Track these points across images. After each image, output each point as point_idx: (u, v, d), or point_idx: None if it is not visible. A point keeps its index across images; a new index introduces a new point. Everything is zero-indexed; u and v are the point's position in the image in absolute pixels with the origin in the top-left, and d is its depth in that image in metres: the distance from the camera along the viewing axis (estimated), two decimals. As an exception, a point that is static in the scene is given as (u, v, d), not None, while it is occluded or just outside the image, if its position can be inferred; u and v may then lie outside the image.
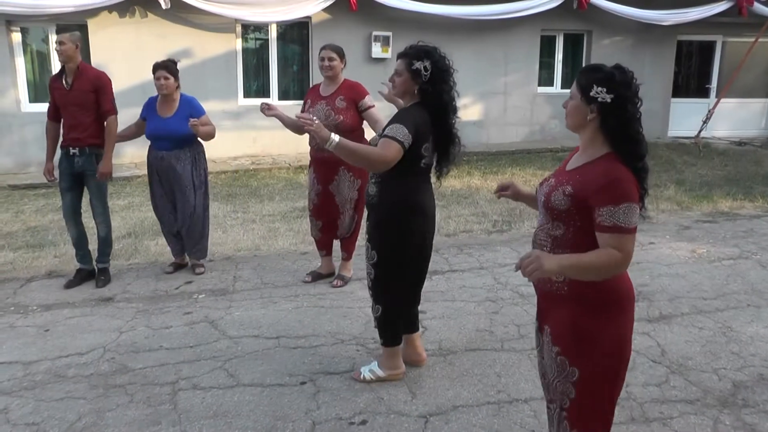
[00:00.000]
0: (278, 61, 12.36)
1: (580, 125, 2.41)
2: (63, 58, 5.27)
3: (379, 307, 3.73)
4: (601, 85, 2.30)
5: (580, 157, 2.45)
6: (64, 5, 10.45)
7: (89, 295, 5.32)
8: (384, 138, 3.40)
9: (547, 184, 2.50)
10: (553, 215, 2.41)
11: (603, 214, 2.24)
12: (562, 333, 2.42)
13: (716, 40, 14.28)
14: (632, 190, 2.26)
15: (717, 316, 4.79)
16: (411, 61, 3.48)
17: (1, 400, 3.70)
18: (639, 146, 2.34)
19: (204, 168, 5.72)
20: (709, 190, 8.99)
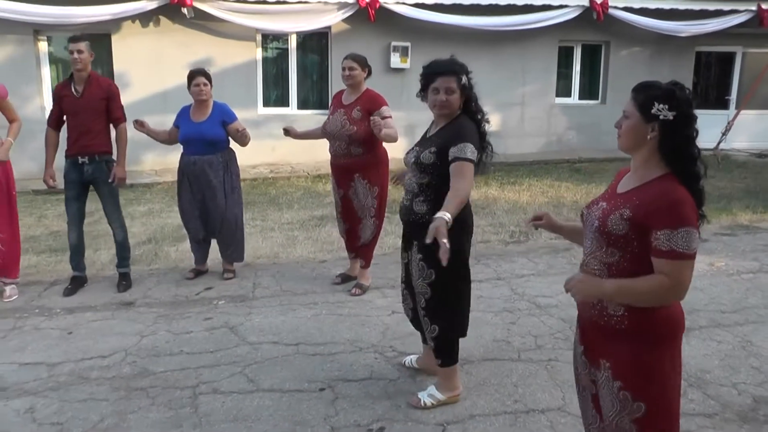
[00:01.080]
0: (297, 70, 12.48)
1: (637, 145, 2.31)
2: (80, 66, 5.34)
3: (435, 327, 3.60)
4: (663, 102, 2.22)
5: (633, 179, 2.35)
6: (91, 15, 10.65)
7: (110, 300, 5.41)
8: (457, 162, 3.32)
9: (598, 207, 2.40)
10: (608, 241, 2.29)
11: (660, 238, 2.15)
12: (624, 367, 2.31)
13: (736, 51, 14.20)
14: (692, 215, 2.17)
15: (736, 329, 4.77)
16: (460, 77, 3.43)
17: (27, 399, 3.78)
18: (697, 166, 2.26)
19: (236, 174, 5.81)
20: (728, 203, 8.95)
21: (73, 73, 5.43)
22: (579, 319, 2.55)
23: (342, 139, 5.24)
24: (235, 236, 5.87)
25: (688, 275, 2.17)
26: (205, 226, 5.80)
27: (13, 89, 10.59)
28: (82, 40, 5.39)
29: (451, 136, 3.41)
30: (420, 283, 3.59)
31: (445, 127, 3.51)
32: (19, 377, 4.05)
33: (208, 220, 5.76)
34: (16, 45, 10.93)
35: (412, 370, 4.08)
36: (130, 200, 9.31)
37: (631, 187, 2.33)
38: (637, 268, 2.22)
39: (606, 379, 2.37)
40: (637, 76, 13.26)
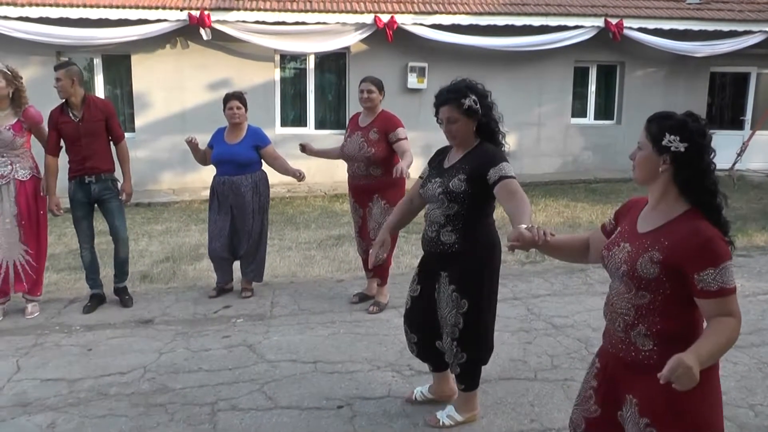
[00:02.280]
0: (315, 90, 12.62)
1: (650, 178, 2.25)
2: (62, 95, 5.34)
3: (464, 355, 3.51)
4: (674, 134, 2.16)
5: (655, 216, 2.28)
6: (111, 36, 10.88)
7: (129, 317, 5.47)
8: (504, 180, 3.25)
9: (621, 250, 2.32)
10: (639, 285, 2.23)
11: (705, 279, 2.08)
12: (653, 403, 2.23)
13: (750, 71, 14.19)
14: (726, 248, 2.13)
15: (752, 351, 4.74)
16: (460, 101, 3.32)
17: (49, 415, 3.84)
18: (716, 198, 2.19)
19: (266, 195, 5.92)
20: (744, 224, 8.90)
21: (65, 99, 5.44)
22: (602, 355, 2.48)
23: (361, 160, 5.30)
24: (258, 256, 5.94)
25: (738, 307, 2.14)
26: (230, 246, 5.86)
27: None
28: (62, 67, 5.37)
29: (482, 161, 3.34)
30: (453, 314, 3.49)
31: (468, 155, 3.42)
32: (40, 393, 4.11)
33: (234, 239, 5.84)
34: (39, 66, 11.12)
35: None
36: (148, 219, 9.42)
37: (656, 226, 2.25)
38: (670, 309, 2.19)
39: (632, 416, 2.30)
40: (653, 96, 13.41)
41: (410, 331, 3.77)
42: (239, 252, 5.89)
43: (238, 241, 5.84)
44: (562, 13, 12.37)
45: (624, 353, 2.32)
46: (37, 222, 5.50)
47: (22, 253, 5.45)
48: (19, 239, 5.41)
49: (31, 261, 5.49)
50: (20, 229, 5.40)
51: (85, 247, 5.68)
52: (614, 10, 12.65)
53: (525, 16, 12.20)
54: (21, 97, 5.37)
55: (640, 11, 12.75)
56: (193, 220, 9.30)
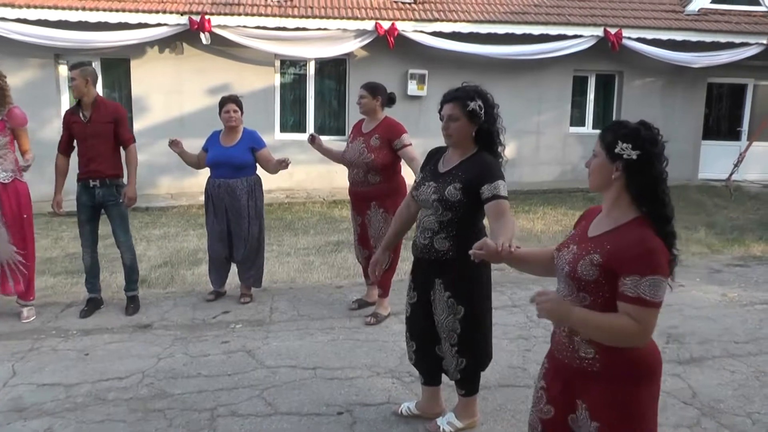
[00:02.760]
0: (315, 96, 12.63)
1: (604, 185, 2.29)
2: (75, 94, 5.40)
3: (463, 360, 3.53)
4: (627, 141, 2.20)
5: (606, 221, 2.32)
6: (110, 40, 10.87)
7: (127, 322, 5.46)
8: (496, 200, 3.27)
9: (569, 251, 2.37)
10: (579, 286, 2.28)
11: (627, 284, 2.14)
12: (602, 408, 2.29)
13: (747, 83, 14.24)
14: (663, 263, 2.15)
15: (750, 360, 4.76)
16: (465, 102, 3.32)
17: (46, 420, 3.82)
18: (666, 208, 2.23)
19: (261, 199, 5.89)
20: (741, 234, 8.94)
21: (78, 99, 5.49)
22: (550, 358, 2.52)
23: (360, 166, 5.28)
24: (256, 261, 5.93)
25: (653, 323, 2.17)
26: (228, 249, 5.86)
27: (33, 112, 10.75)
28: (76, 68, 5.42)
29: (480, 172, 3.32)
30: (450, 320, 3.50)
31: (465, 162, 3.40)
32: (37, 398, 4.09)
33: (231, 243, 5.82)
34: (38, 69, 11.15)
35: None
36: (146, 224, 9.40)
37: (604, 230, 2.30)
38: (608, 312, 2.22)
39: (583, 420, 2.35)
40: (650, 106, 13.47)
41: (410, 338, 3.77)
42: (237, 257, 5.87)
43: (235, 245, 5.82)
44: (562, 23, 12.41)
45: (569, 360, 2.37)
46: (21, 226, 5.40)
47: (12, 253, 5.39)
48: (8, 240, 5.35)
49: (24, 261, 5.44)
50: (7, 230, 5.34)
51: (86, 251, 5.66)
52: (613, 20, 12.70)
53: (525, 25, 12.23)
54: (5, 96, 5.29)
55: (639, 21, 12.80)
56: (191, 225, 9.29)
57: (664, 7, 13.53)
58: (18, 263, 5.42)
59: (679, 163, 13.58)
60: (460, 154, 3.44)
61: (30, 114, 5.50)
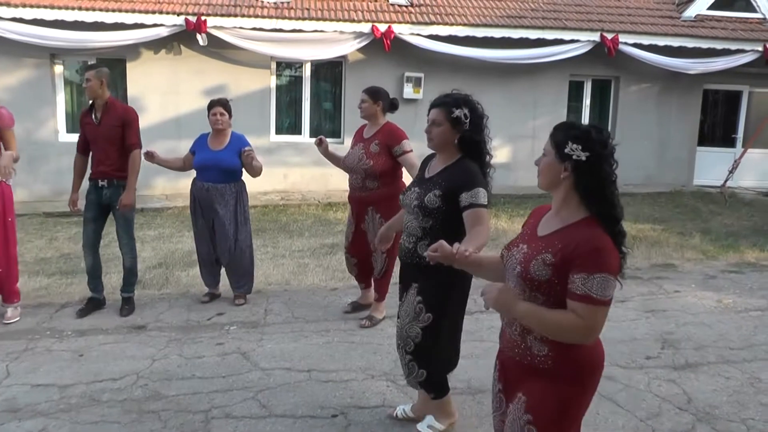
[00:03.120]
0: (311, 98, 12.62)
1: (553, 184, 2.32)
2: (89, 94, 5.43)
3: (423, 372, 3.50)
4: (577, 143, 2.22)
5: (555, 221, 2.33)
6: (106, 40, 10.85)
7: (122, 323, 5.44)
8: (473, 209, 3.24)
9: (519, 251, 2.37)
10: (531, 286, 2.27)
11: (575, 281, 2.15)
12: (540, 403, 2.30)
13: (743, 90, 14.28)
14: (613, 262, 2.17)
15: (744, 366, 4.77)
16: (450, 109, 3.31)
17: (40, 421, 3.81)
18: (615, 209, 2.25)
19: (246, 205, 5.85)
20: (735, 240, 8.96)
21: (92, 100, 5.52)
22: (500, 356, 2.54)
23: (358, 172, 5.24)
24: (245, 267, 5.91)
25: (601, 321, 2.18)
26: (214, 252, 5.85)
27: (29, 112, 10.82)
28: (93, 68, 5.46)
29: (459, 180, 3.30)
30: (412, 326, 3.47)
31: (448, 169, 3.40)
32: (31, 398, 4.08)
33: (217, 246, 5.80)
34: (33, 68, 11.12)
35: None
36: (141, 224, 9.36)
37: (553, 229, 2.31)
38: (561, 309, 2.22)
39: (516, 410, 2.36)
40: (646, 111, 13.49)
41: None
42: (223, 261, 5.86)
43: (221, 250, 5.79)
44: (559, 27, 12.44)
45: (521, 357, 2.38)
46: (5, 229, 5.31)
47: None
48: None
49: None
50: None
51: (87, 251, 5.64)
52: (610, 25, 12.74)
53: (522, 29, 12.25)
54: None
55: (636, 27, 12.84)
56: (185, 227, 9.24)
57: (660, 13, 13.58)
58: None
59: (674, 169, 13.67)
60: (443, 161, 3.44)
61: (25, 114, 5.51)
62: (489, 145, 3.43)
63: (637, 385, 4.39)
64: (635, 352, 4.96)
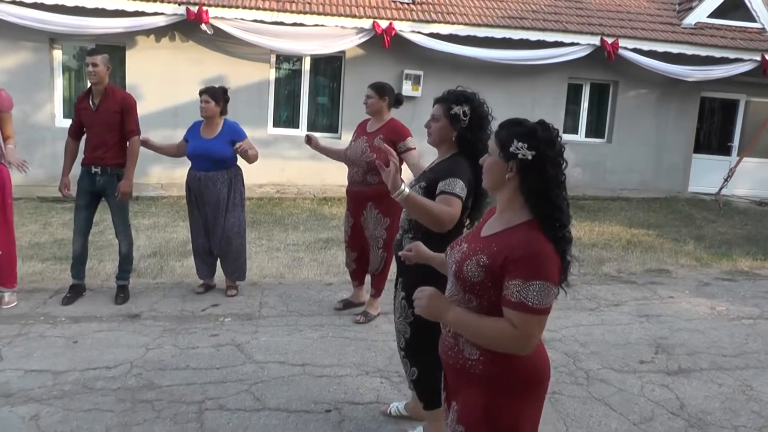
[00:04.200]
0: (309, 92, 12.59)
1: (498, 184, 2.20)
2: (95, 79, 5.38)
3: (415, 370, 3.46)
4: (522, 141, 2.11)
5: (497, 222, 2.23)
6: (106, 26, 10.80)
7: (116, 311, 5.42)
8: (444, 195, 3.15)
9: (459, 250, 2.27)
10: (465, 287, 2.18)
11: (510, 287, 2.03)
12: (471, 412, 2.19)
13: (740, 98, 14.36)
14: (550, 269, 2.05)
15: (737, 373, 4.79)
16: (450, 105, 3.29)
17: (33, 406, 3.80)
18: (561, 213, 2.12)
19: (241, 191, 5.84)
20: (729, 248, 8.99)
21: (91, 85, 5.48)
22: (443, 362, 2.42)
23: (360, 165, 5.22)
24: (239, 256, 5.90)
25: (537, 330, 2.07)
26: (209, 242, 5.84)
27: (26, 96, 10.77)
28: (97, 53, 5.42)
29: (442, 171, 3.28)
30: (400, 322, 3.49)
31: (438, 164, 3.40)
32: (24, 383, 4.06)
33: (211, 236, 5.80)
34: (32, 52, 11.06)
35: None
36: (136, 213, 9.33)
37: (494, 231, 2.21)
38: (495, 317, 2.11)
39: (451, 422, 2.28)
40: (644, 117, 13.51)
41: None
42: (214, 249, 5.85)
43: (212, 238, 5.79)
44: (559, 30, 12.45)
45: (453, 360, 2.28)
46: (3, 210, 5.31)
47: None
48: None
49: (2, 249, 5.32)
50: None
51: (77, 238, 5.61)
52: (610, 29, 12.76)
53: (522, 30, 12.27)
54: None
55: (636, 32, 12.87)
56: (180, 216, 9.22)
57: (661, 20, 13.62)
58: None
59: (670, 176, 13.72)
60: (440, 157, 3.44)
61: (23, 98, 5.48)
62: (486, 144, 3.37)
63: (631, 389, 4.41)
64: (629, 356, 4.98)
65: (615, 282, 6.98)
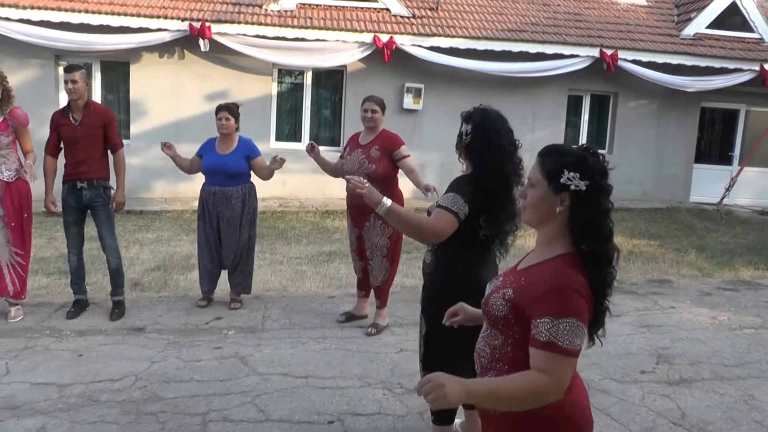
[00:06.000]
0: (311, 106, 12.68)
1: (545, 219, 1.99)
2: (76, 96, 5.40)
3: None
4: (574, 170, 1.92)
5: (533, 255, 2.07)
6: (111, 43, 10.92)
7: (121, 324, 5.46)
8: (438, 208, 3.13)
9: (494, 282, 2.14)
10: (490, 321, 2.04)
11: (539, 326, 1.84)
12: None
13: (740, 108, 14.43)
14: (581, 305, 1.86)
15: (738, 383, 4.80)
16: (461, 123, 3.31)
17: (39, 419, 3.83)
18: (609, 245, 1.95)
19: (254, 207, 5.93)
20: (731, 258, 9.01)
21: (70, 101, 5.50)
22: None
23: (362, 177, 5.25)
24: (246, 268, 5.96)
25: (567, 375, 1.86)
26: (218, 256, 5.88)
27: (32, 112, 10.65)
28: (76, 70, 5.45)
29: (449, 187, 3.26)
30: (419, 335, 3.53)
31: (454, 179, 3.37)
32: (30, 396, 4.10)
33: (222, 250, 5.85)
34: (38, 69, 11.18)
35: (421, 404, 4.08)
36: (140, 227, 9.40)
37: (528, 264, 2.05)
38: (517, 357, 1.94)
39: None
40: (644, 128, 13.54)
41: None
42: (226, 263, 5.90)
43: (225, 252, 5.85)
44: (559, 42, 12.53)
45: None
46: (21, 224, 5.45)
47: (12, 254, 5.42)
48: (8, 240, 5.38)
49: (22, 262, 5.46)
50: (8, 230, 5.37)
51: (72, 252, 5.66)
52: (609, 41, 12.84)
53: (522, 43, 12.35)
54: (9, 97, 5.34)
55: (635, 44, 12.95)
56: (184, 230, 9.29)
57: (660, 31, 13.70)
58: (17, 264, 5.44)
59: (671, 186, 13.74)
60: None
61: (29, 114, 5.52)
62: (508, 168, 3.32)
63: (632, 399, 4.43)
64: (630, 366, 5.00)
65: (616, 292, 6.89)
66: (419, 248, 7.82)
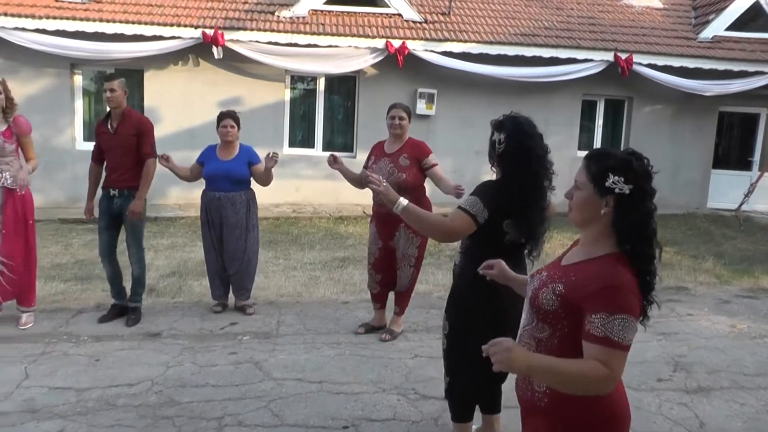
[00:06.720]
0: (324, 112, 12.70)
1: (590, 220, 2.10)
2: (113, 104, 5.48)
3: (447, 378, 3.56)
4: (618, 174, 2.02)
5: (579, 252, 2.16)
6: (125, 51, 11.01)
7: (137, 330, 5.50)
8: (457, 209, 3.20)
9: (538, 277, 2.21)
10: (539, 315, 2.12)
11: (594, 322, 1.93)
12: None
13: (760, 112, 14.13)
14: (633, 302, 1.97)
15: (759, 393, 4.71)
16: (492, 131, 3.32)
17: (57, 422, 3.88)
18: (652, 246, 2.06)
19: (255, 212, 5.96)
20: (750, 265, 8.87)
21: (110, 110, 5.57)
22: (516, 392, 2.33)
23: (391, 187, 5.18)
24: (251, 275, 6.01)
25: (621, 367, 1.96)
26: (222, 262, 5.92)
27: (48, 120, 10.97)
28: (114, 78, 5.56)
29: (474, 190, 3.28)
30: (443, 335, 3.61)
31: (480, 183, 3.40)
32: (49, 400, 4.14)
33: (224, 256, 5.88)
34: (54, 78, 11.28)
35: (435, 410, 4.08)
36: (155, 233, 9.44)
37: (575, 261, 2.14)
38: (566, 349, 2.04)
39: None
40: (659, 133, 13.39)
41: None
42: (230, 270, 5.93)
43: (227, 259, 5.88)
44: (572, 46, 12.46)
45: (522, 391, 2.21)
46: (25, 231, 5.43)
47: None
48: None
49: (6, 272, 5.33)
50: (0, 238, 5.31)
51: (104, 259, 5.71)
52: (624, 45, 12.73)
53: (535, 47, 12.29)
54: (12, 105, 5.38)
55: (651, 47, 12.81)
56: (198, 236, 9.18)
57: (676, 34, 13.53)
58: (2, 273, 5.34)
59: (688, 192, 13.55)
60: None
61: (45, 122, 5.60)
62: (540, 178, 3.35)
63: (648, 407, 4.38)
64: (646, 374, 4.94)
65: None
66: (432, 254, 7.82)
